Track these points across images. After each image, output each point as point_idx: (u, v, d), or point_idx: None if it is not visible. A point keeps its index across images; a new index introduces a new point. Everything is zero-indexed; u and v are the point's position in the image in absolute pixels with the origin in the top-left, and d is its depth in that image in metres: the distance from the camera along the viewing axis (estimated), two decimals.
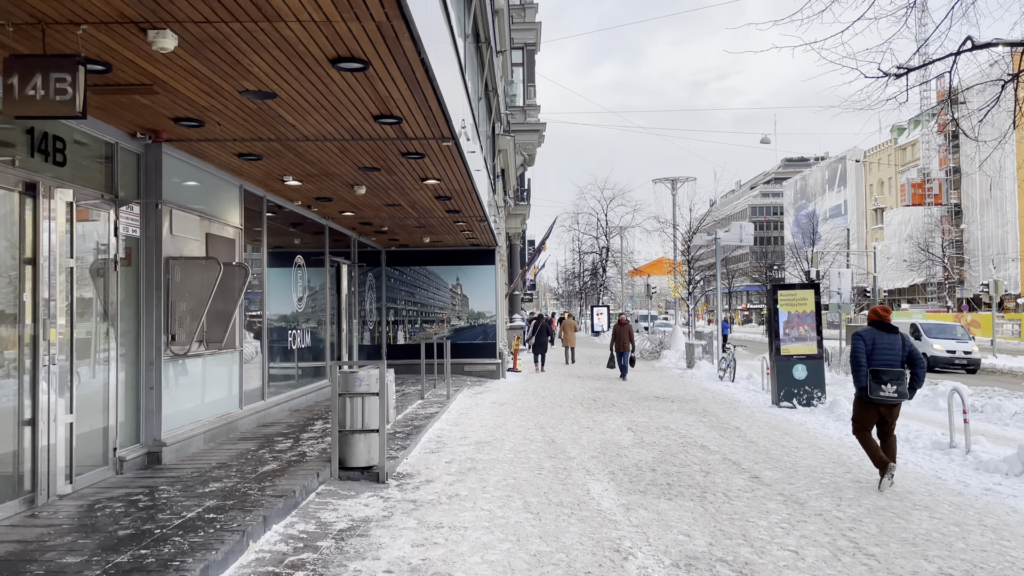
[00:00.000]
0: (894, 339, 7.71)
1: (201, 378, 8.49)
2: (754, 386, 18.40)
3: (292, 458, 7.68)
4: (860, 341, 7.70)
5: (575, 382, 19.18)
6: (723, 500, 7.15)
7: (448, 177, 9.58)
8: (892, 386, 7.46)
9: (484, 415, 12.65)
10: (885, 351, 7.60)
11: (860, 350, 7.65)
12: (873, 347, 7.62)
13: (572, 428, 11.48)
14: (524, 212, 31.86)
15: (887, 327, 7.80)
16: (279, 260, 11.52)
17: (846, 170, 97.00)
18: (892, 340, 7.69)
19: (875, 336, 7.70)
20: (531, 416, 12.71)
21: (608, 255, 58.69)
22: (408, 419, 11.02)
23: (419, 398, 13.44)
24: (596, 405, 14.53)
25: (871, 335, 7.72)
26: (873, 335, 7.71)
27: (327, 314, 13.72)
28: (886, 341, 7.65)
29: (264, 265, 10.50)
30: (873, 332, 7.75)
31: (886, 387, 7.46)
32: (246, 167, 8.86)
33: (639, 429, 11.56)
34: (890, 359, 7.57)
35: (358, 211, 12.60)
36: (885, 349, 7.60)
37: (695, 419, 12.84)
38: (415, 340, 19.26)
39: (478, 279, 19.50)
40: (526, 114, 32.06)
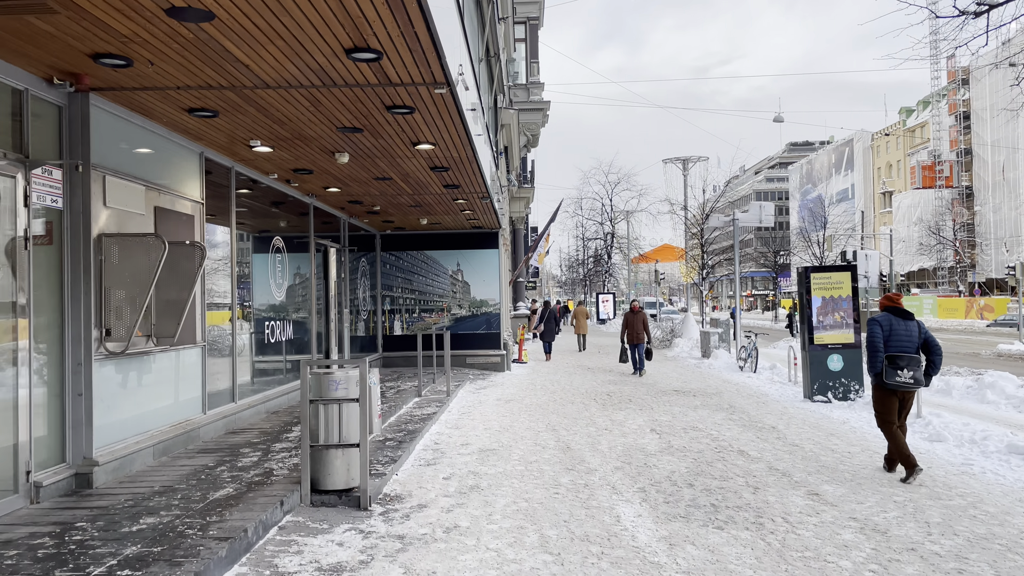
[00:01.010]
0: (910, 325, 7.61)
1: (150, 380, 7.10)
2: (779, 377, 17.01)
3: (255, 478, 6.30)
4: (876, 326, 7.60)
5: (585, 374, 17.80)
6: (786, 528, 5.77)
7: (444, 141, 8.16)
8: (908, 371, 7.38)
9: (488, 415, 11.27)
10: (902, 337, 7.53)
11: (877, 335, 7.56)
12: (890, 333, 7.55)
13: (588, 430, 10.11)
14: (528, 195, 30.40)
15: (902, 313, 7.69)
16: (256, 243, 10.12)
17: (853, 153, 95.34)
18: (908, 326, 7.60)
19: (892, 322, 7.61)
20: (541, 415, 11.33)
21: (613, 241, 57.23)
22: (401, 422, 9.65)
23: (415, 395, 12.06)
24: (611, 401, 13.15)
25: (887, 320, 7.62)
26: (890, 320, 7.62)
27: (313, 303, 12.34)
28: (902, 327, 7.57)
29: (232, 246, 9.09)
30: (889, 318, 7.65)
31: (902, 372, 7.38)
32: (204, 128, 7.44)
33: (664, 430, 10.19)
34: (906, 345, 7.51)
35: (344, 187, 11.18)
36: (902, 335, 7.54)
37: (723, 417, 11.47)
38: (413, 331, 17.89)
39: (480, 264, 18.10)
40: (529, 92, 30.55)
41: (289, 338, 11.25)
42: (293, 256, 11.73)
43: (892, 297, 7.90)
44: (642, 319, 17.45)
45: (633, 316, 17.57)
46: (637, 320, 17.47)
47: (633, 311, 17.65)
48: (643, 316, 17.55)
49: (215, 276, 8.71)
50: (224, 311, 8.92)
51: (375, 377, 6.21)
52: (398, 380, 14.25)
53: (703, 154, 30.27)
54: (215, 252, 8.74)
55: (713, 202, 25.84)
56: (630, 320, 17.56)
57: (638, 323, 17.43)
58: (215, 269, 8.69)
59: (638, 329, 17.43)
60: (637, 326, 17.44)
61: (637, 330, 17.43)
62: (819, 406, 12.73)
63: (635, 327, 17.46)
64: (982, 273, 67.91)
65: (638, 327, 17.43)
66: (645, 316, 17.55)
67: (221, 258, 8.90)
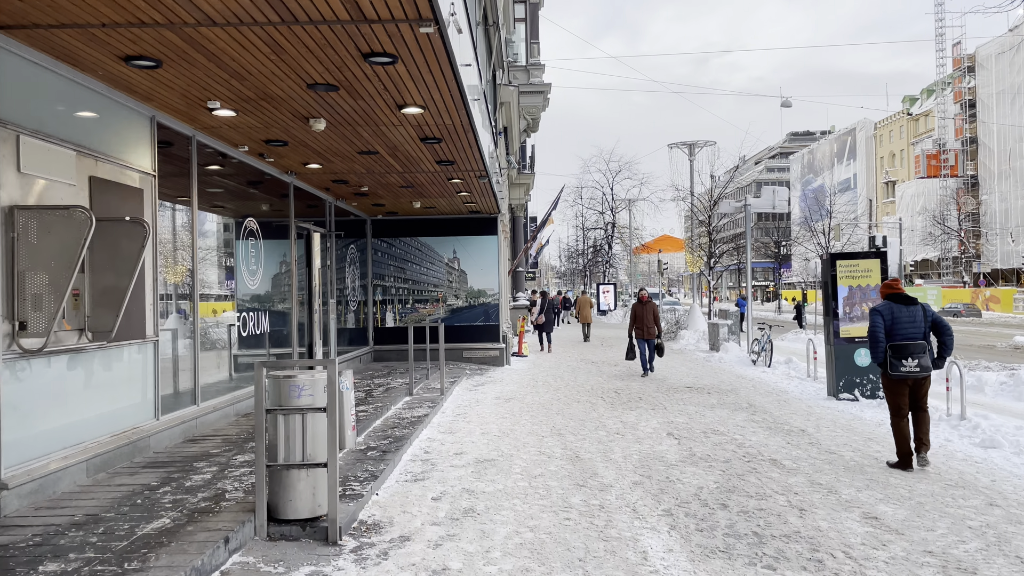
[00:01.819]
0: (914, 311, 7.37)
1: (84, 383, 5.98)
2: (797, 372, 15.93)
3: (201, 503, 5.19)
4: (878, 316, 7.40)
5: (590, 369, 16.71)
6: (852, 569, 4.69)
7: (435, 104, 7.02)
8: (914, 360, 7.16)
9: (486, 416, 10.17)
10: (905, 324, 7.29)
11: (878, 325, 7.36)
12: (893, 321, 7.33)
13: (598, 434, 9.01)
14: (528, 182, 29.24)
15: (904, 299, 7.43)
16: (223, 225, 8.98)
17: (855, 142, 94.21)
18: (912, 312, 7.36)
19: (893, 310, 7.38)
20: (544, 416, 10.23)
21: (614, 231, 56.02)
22: (388, 426, 8.56)
23: (406, 394, 10.96)
24: (620, 400, 12.06)
25: (889, 309, 7.40)
26: (892, 309, 7.39)
27: (294, 293, 11.22)
28: (906, 314, 7.34)
29: (193, 227, 7.96)
30: (891, 306, 7.42)
31: (907, 361, 7.18)
32: (150, 85, 6.30)
33: (682, 434, 9.10)
34: (911, 332, 7.26)
35: (326, 162, 10.04)
36: (905, 322, 7.30)
37: (744, 418, 10.39)
38: (406, 322, 16.78)
39: (478, 252, 16.97)
40: (529, 74, 29.33)
41: (266, 331, 10.13)
42: (271, 241, 10.60)
43: (891, 284, 7.64)
44: (652, 311, 15.35)
45: (642, 307, 15.39)
46: (647, 312, 15.32)
47: (642, 301, 15.51)
48: (653, 307, 15.45)
49: (174, 261, 7.59)
50: (187, 301, 7.80)
51: (348, 380, 5.10)
52: (389, 376, 13.15)
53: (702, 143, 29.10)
54: (175, 234, 7.62)
55: (723, 187, 24.66)
56: (638, 312, 15.40)
57: (648, 315, 15.29)
58: (173, 253, 7.56)
59: (648, 322, 15.29)
60: (647, 319, 15.29)
61: (647, 323, 15.28)
62: (846, 405, 11.67)
63: (645, 320, 15.30)
64: (987, 263, 66.93)
65: (648, 320, 15.28)
66: (655, 307, 15.48)
67: (181, 241, 7.78)
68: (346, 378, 5.08)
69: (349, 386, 5.10)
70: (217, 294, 8.70)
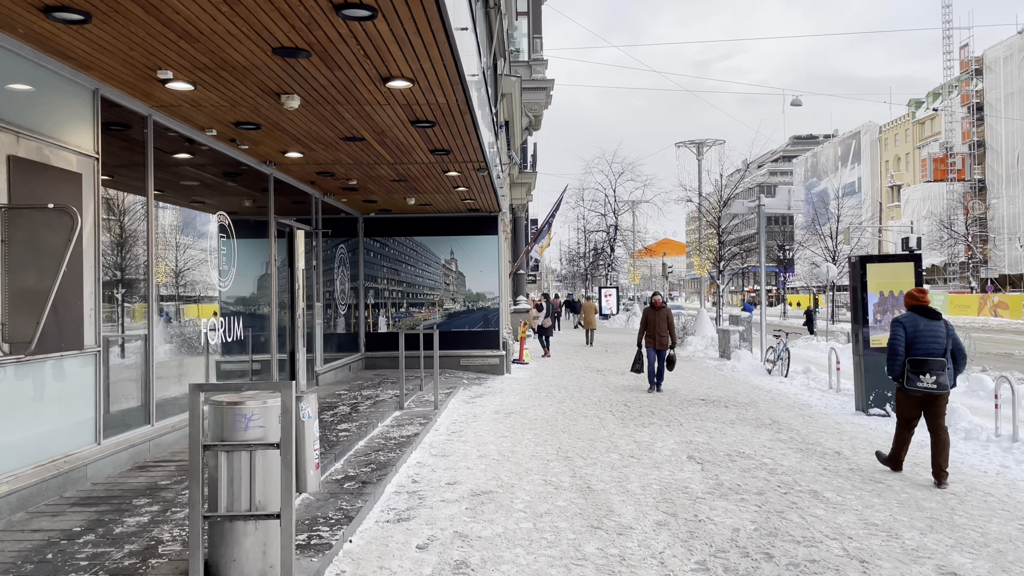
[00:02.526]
0: (937, 326, 7.11)
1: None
2: (817, 383, 14.91)
3: (125, 560, 4.16)
4: (900, 328, 7.18)
5: (595, 378, 15.67)
6: None
7: (426, 76, 6.00)
8: (932, 376, 6.94)
9: (484, 434, 9.13)
10: (927, 339, 7.05)
11: (899, 337, 7.14)
12: (915, 334, 7.09)
13: (610, 458, 7.98)
14: (529, 181, 28.23)
15: (928, 312, 7.21)
16: (186, 219, 7.96)
17: (860, 146, 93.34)
18: (935, 327, 7.11)
19: (916, 322, 7.15)
20: (549, 435, 9.20)
21: (617, 233, 54.97)
22: (372, 448, 7.52)
23: (396, 408, 9.93)
24: (631, 414, 11.03)
25: (912, 321, 7.16)
26: (914, 321, 7.16)
27: (273, 295, 10.20)
28: (928, 328, 7.10)
29: (149, 220, 6.93)
30: (914, 318, 7.19)
31: (924, 377, 6.97)
32: (84, 47, 5.28)
33: (704, 457, 8.08)
34: (933, 347, 7.03)
35: (307, 150, 9.02)
36: (927, 337, 7.06)
37: (770, 437, 9.38)
38: (400, 327, 15.74)
39: (477, 253, 15.95)
40: (532, 70, 28.33)
41: (240, 337, 9.10)
42: (249, 238, 9.59)
43: (916, 295, 7.38)
44: (667, 317, 13.44)
45: (655, 313, 13.51)
46: (660, 319, 13.42)
47: (655, 307, 13.61)
48: (668, 314, 13.53)
49: (130, 259, 6.58)
50: (139, 303, 6.78)
51: (310, 406, 4.08)
52: (379, 386, 12.12)
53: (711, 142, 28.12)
54: (127, 227, 6.60)
55: (733, 187, 23.64)
56: (651, 318, 13.50)
57: (661, 322, 13.38)
58: (123, 250, 6.54)
59: (661, 330, 13.36)
60: (660, 326, 13.37)
61: (660, 332, 13.36)
62: (878, 422, 10.65)
63: (657, 328, 13.38)
64: (995, 269, 65.92)
65: (661, 328, 13.37)
66: (670, 314, 13.56)
67: (134, 236, 6.76)
68: (308, 404, 4.06)
69: (312, 414, 4.07)
70: (181, 295, 7.68)
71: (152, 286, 6.89)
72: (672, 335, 13.47)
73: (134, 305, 6.71)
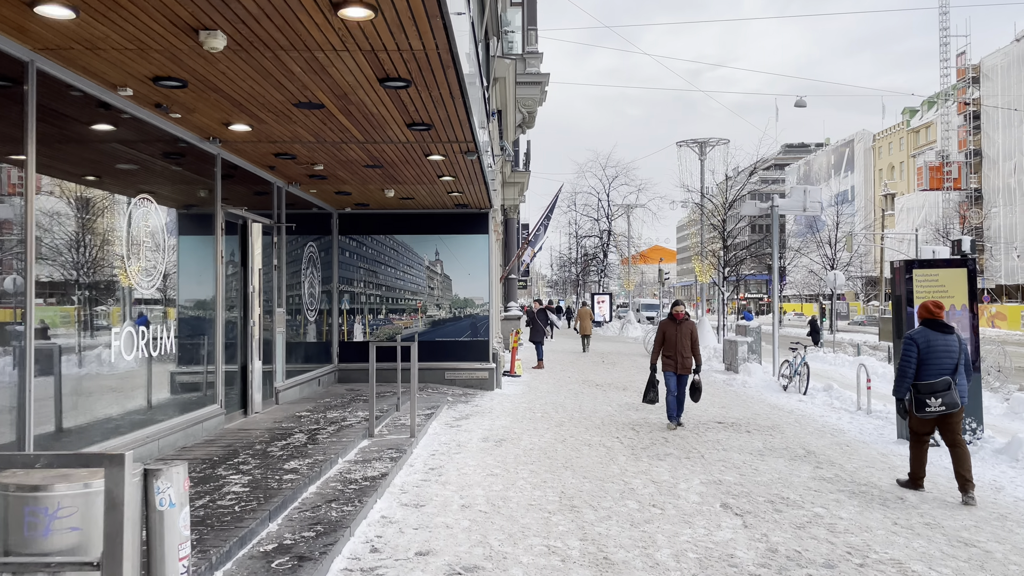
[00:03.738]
0: (951, 341, 6.82)
1: None
2: (842, 403, 13.36)
3: None
4: (912, 347, 6.84)
5: (595, 395, 14.05)
6: None
7: (394, 5, 4.39)
8: (938, 399, 6.70)
9: (469, 472, 7.48)
10: (940, 354, 6.75)
11: (911, 357, 6.82)
12: (928, 350, 6.77)
13: (627, 507, 6.36)
14: (523, 180, 26.65)
15: (942, 327, 6.87)
16: (95, 204, 6.30)
17: (854, 154, 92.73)
18: (948, 342, 6.81)
19: (929, 338, 6.83)
20: (548, 471, 7.56)
21: (611, 239, 53.46)
22: (325, 497, 5.87)
23: (365, 436, 8.27)
24: (641, 441, 9.43)
25: (924, 338, 6.84)
26: (927, 337, 6.84)
27: (219, 299, 8.52)
28: (941, 343, 6.79)
29: (28, 201, 5.26)
30: (927, 333, 6.87)
31: (932, 401, 6.69)
32: None
33: (742, 505, 6.48)
34: (946, 363, 6.74)
35: (255, 121, 7.37)
36: (940, 352, 6.76)
37: (811, 474, 7.82)
38: (377, 336, 14.08)
39: (465, 254, 14.32)
40: (526, 63, 26.81)
41: (167, 353, 7.42)
42: (187, 231, 7.92)
43: (932, 309, 7.01)
44: (690, 333, 10.42)
45: (675, 328, 10.38)
46: (681, 334, 10.33)
47: (675, 319, 10.46)
48: (691, 328, 10.48)
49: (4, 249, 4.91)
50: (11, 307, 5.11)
51: (176, 486, 2.46)
52: (349, 406, 10.45)
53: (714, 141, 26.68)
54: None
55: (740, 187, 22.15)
56: (670, 334, 10.40)
57: (683, 339, 10.30)
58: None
59: (683, 349, 10.27)
60: (681, 344, 10.28)
61: (681, 351, 10.27)
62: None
63: (678, 346, 10.28)
64: (991, 279, 65.00)
65: (683, 346, 10.28)
66: (694, 328, 10.56)
67: (9, 220, 5.10)
68: (169, 483, 2.42)
69: (176, 499, 2.43)
70: (85, 297, 6.01)
71: (30, 285, 5.20)
72: (697, 356, 10.41)
73: (4, 308, 5.04)
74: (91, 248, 6.16)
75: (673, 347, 10.36)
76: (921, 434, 7.06)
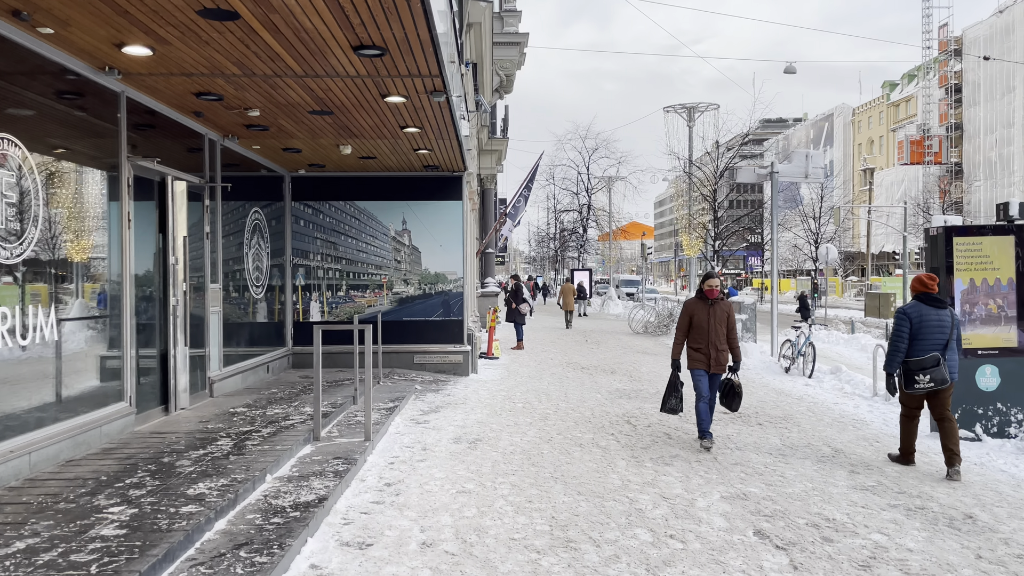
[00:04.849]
0: (943, 316, 6.76)
1: None
2: (853, 387, 12.06)
3: None
4: (905, 321, 6.78)
5: (581, 379, 12.60)
6: None
7: None
8: (926, 376, 6.68)
9: (435, 489, 5.96)
10: (933, 329, 6.71)
11: (903, 332, 6.77)
12: (920, 325, 6.73)
13: (637, 539, 4.91)
14: (500, 148, 24.99)
15: (935, 301, 6.81)
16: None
17: (833, 128, 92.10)
18: (941, 317, 6.75)
19: (922, 312, 6.77)
20: (534, 486, 6.07)
21: (590, 213, 51.94)
22: (232, 540, 4.34)
23: (308, 441, 6.73)
24: (640, 438, 8.00)
25: (917, 312, 6.78)
26: (920, 312, 6.78)
27: (125, 270, 6.88)
28: (934, 318, 6.74)
29: None
30: (920, 308, 6.80)
31: (920, 377, 6.69)
32: None
33: (782, 533, 5.07)
34: (938, 338, 6.71)
35: (156, 42, 5.69)
36: (933, 327, 6.71)
37: (848, 482, 6.51)
38: (338, 316, 12.49)
39: (436, 223, 12.72)
40: (504, 21, 25.03)
41: (47, 338, 5.80)
42: (79, 185, 6.27)
43: (925, 281, 6.96)
44: (726, 316, 7.67)
45: (707, 310, 7.64)
46: (715, 319, 7.58)
47: (707, 297, 7.70)
48: (728, 311, 7.73)
49: None
50: None
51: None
52: (298, 398, 8.90)
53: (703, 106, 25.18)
54: None
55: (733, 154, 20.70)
56: (699, 318, 7.60)
57: (718, 326, 7.58)
58: None
59: (717, 339, 7.57)
60: (715, 332, 7.55)
61: (715, 342, 7.56)
62: (976, 450, 7.81)
63: (711, 335, 7.55)
64: None
65: (717, 335, 7.57)
66: (731, 311, 7.81)
67: None
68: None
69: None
70: None
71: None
72: (735, 348, 7.68)
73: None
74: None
75: (704, 336, 7.50)
76: (911, 408, 7.01)
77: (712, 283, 7.72)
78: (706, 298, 7.73)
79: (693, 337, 7.68)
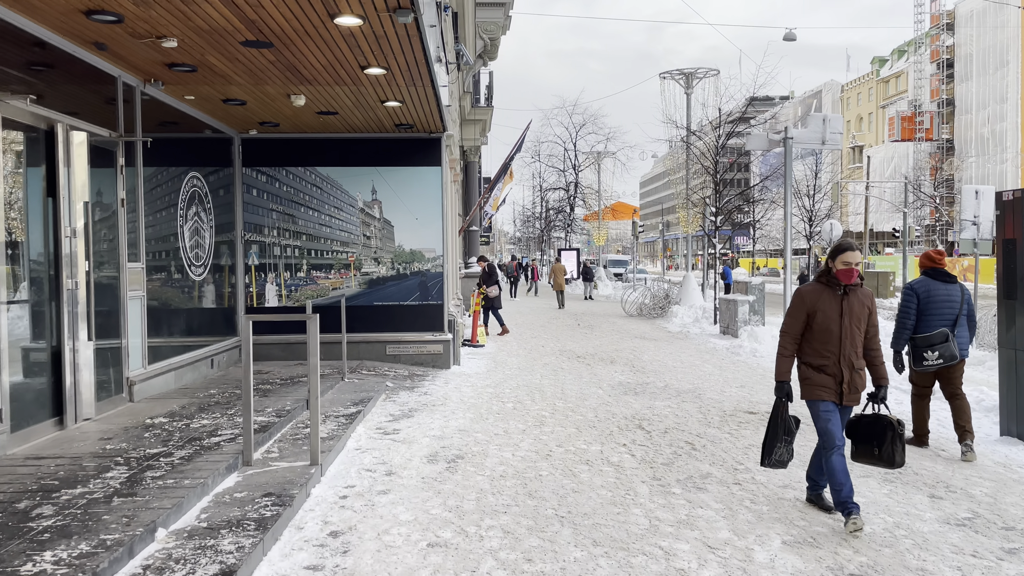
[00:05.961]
0: (952, 290, 6.51)
1: None
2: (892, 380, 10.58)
3: None
4: (912, 297, 6.55)
5: (579, 370, 11.04)
6: None
7: None
8: (935, 352, 6.40)
9: (398, 542, 4.34)
10: (941, 304, 6.47)
11: (910, 308, 6.53)
12: (928, 300, 6.49)
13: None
14: (485, 118, 23.27)
15: (944, 275, 6.55)
16: None
17: (821, 105, 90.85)
18: (950, 292, 6.51)
19: (930, 288, 6.52)
20: (533, 533, 4.46)
21: (577, 191, 50.24)
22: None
23: (233, 468, 5.11)
24: (659, 449, 6.45)
25: (925, 288, 6.53)
26: (928, 287, 6.53)
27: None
28: (942, 292, 6.49)
29: None
30: (927, 283, 6.55)
31: (929, 354, 6.43)
32: None
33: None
34: (947, 314, 6.46)
35: None
36: (941, 302, 6.47)
37: (934, 513, 5.13)
38: (297, 300, 10.82)
39: (412, 192, 11.04)
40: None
41: None
42: None
43: (933, 256, 6.67)
44: (867, 312, 4.75)
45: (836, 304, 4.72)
46: (852, 317, 4.70)
47: (841, 280, 4.70)
48: (869, 305, 4.78)
49: None
50: None
51: None
52: (235, 404, 7.25)
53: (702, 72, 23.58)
54: None
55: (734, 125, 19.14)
56: (826, 315, 4.71)
57: (854, 325, 4.70)
58: None
59: (854, 348, 4.72)
60: (849, 336, 4.70)
61: (850, 354, 4.71)
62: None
63: (844, 344, 4.69)
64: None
65: (851, 341, 4.70)
66: (873, 305, 4.81)
67: None
68: None
69: None
70: None
71: None
72: (878, 360, 4.84)
73: None
74: None
75: (835, 345, 4.72)
76: (921, 387, 6.77)
77: (849, 258, 4.69)
78: (836, 283, 4.73)
79: (812, 347, 4.77)
